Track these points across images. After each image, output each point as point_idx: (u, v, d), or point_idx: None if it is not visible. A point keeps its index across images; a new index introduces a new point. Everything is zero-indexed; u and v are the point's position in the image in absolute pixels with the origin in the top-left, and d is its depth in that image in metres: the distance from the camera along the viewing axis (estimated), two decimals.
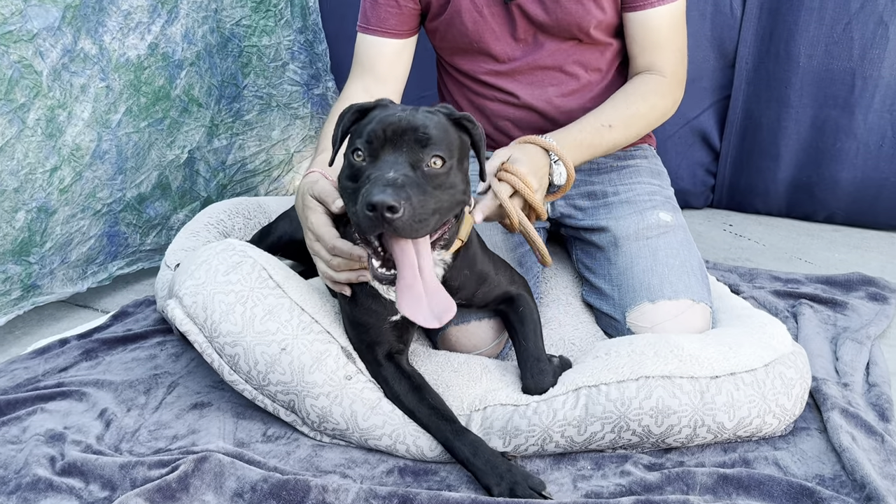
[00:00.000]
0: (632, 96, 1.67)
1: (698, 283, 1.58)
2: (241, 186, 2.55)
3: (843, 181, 2.55)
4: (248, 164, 2.55)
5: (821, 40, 2.42)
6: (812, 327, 1.78)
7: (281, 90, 2.62)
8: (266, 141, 2.60)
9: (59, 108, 1.86)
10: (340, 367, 1.38)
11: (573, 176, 1.54)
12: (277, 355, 1.37)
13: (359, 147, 1.16)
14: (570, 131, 1.59)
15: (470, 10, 1.69)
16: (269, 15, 2.50)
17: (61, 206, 1.92)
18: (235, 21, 2.40)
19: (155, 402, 1.51)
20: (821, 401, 1.46)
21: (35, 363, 1.66)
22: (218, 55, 2.35)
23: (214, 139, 2.39)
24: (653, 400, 1.30)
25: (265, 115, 2.58)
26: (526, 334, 1.42)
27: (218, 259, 1.45)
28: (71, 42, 1.86)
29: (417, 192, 1.09)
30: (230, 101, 2.43)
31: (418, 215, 1.08)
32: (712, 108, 2.66)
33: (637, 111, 1.66)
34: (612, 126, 1.63)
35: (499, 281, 1.46)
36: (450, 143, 1.18)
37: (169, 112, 2.19)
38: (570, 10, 1.65)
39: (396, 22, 1.74)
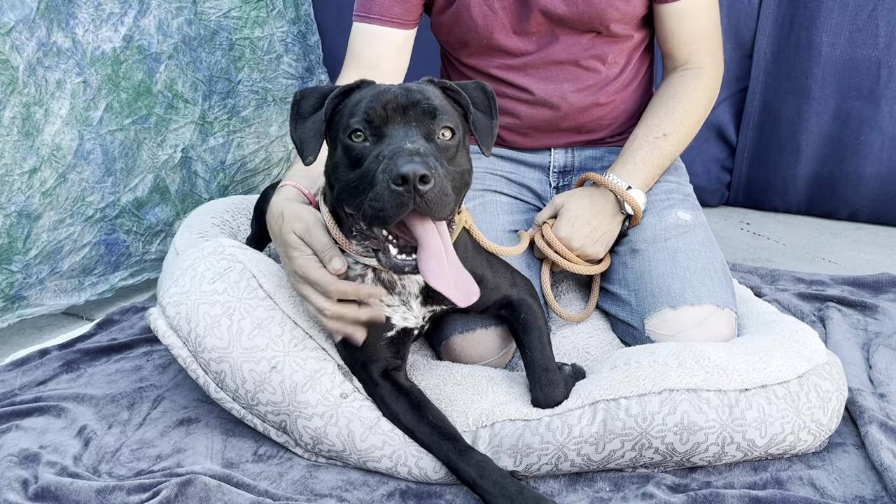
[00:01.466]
0: (674, 98, 1.62)
1: (722, 287, 1.48)
2: (242, 187, 2.47)
3: (868, 176, 2.46)
4: (248, 162, 2.47)
5: (844, 28, 2.33)
6: (841, 333, 1.68)
7: (276, 84, 2.54)
8: (265, 137, 2.51)
9: (35, 105, 1.78)
10: (336, 385, 1.29)
11: (639, 210, 1.55)
12: (267, 374, 1.27)
13: (357, 128, 1.07)
14: (631, 158, 1.58)
15: (479, 3, 1.58)
16: (260, 5, 2.42)
17: (45, 210, 1.83)
18: (223, 12, 2.31)
19: (139, 418, 1.42)
20: (857, 414, 1.37)
21: (12, 376, 1.57)
22: (203, 48, 2.27)
23: (209, 137, 2.31)
24: (677, 415, 1.21)
25: (262, 110, 2.49)
26: (531, 342, 1.32)
27: (205, 264, 1.36)
28: (45, 35, 1.79)
29: (438, 165, 1.02)
30: (223, 97, 2.35)
31: (444, 188, 1.01)
32: (728, 100, 2.58)
33: (685, 109, 1.61)
34: (666, 134, 1.59)
35: (497, 284, 1.36)
36: (454, 114, 1.12)
37: (153, 109, 2.11)
38: (593, 1, 1.55)
39: (401, 10, 1.62)
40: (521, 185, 1.74)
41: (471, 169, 1.15)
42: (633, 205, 1.54)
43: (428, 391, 1.31)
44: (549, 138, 1.72)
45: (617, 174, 1.57)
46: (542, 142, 1.72)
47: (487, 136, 1.19)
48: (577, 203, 1.55)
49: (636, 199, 1.55)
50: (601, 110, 1.67)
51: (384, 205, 0.99)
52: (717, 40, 1.66)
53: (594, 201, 1.55)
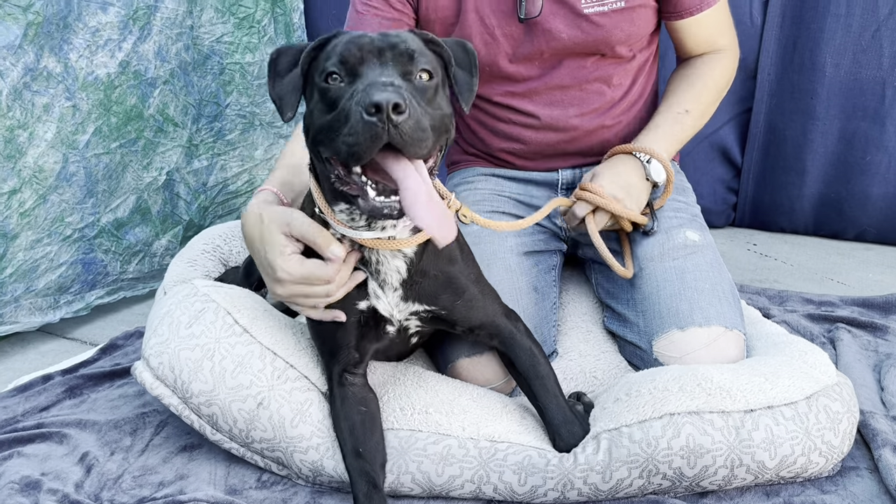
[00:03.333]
0: (693, 76, 1.65)
1: (731, 308, 1.47)
2: (223, 208, 2.49)
3: (875, 196, 2.45)
4: (230, 184, 2.49)
5: (848, 48, 2.34)
6: (852, 354, 1.66)
7: (264, 108, 2.56)
8: (249, 161, 2.53)
9: (20, 129, 1.80)
10: (326, 415, 1.27)
11: (671, 170, 1.55)
12: (255, 411, 1.27)
13: (333, 70, 1.04)
14: (654, 128, 1.59)
15: (481, 32, 1.57)
16: (252, 32, 2.46)
17: (23, 230, 1.85)
18: (216, 38, 2.34)
19: (141, 444, 1.41)
20: (870, 437, 1.35)
21: (15, 402, 1.56)
22: (195, 73, 2.29)
23: (194, 160, 2.33)
24: (682, 438, 1.19)
25: (248, 134, 2.52)
26: (542, 394, 1.28)
27: (180, 309, 1.36)
28: (33, 60, 1.80)
29: (414, 103, 0.99)
30: (210, 121, 2.37)
31: (421, 124, 0.98)
32: (733, 121, 2.57)
33: (704, 84, 1.64)
34: (688, 111, 1.61)
35: (484, 305, 1.31)
36: (433, 60, 1.11)
37: (143, 132, 2.13)
38: (600, 24, 1.54)
39: None
40: (528, 206, 1.73)
41: (451, 114, 1.10)
42: (666, 165, 1.54)
43: (441, 399, 1.30)
44: (555, 161, 1.72)
45: (641, 142, 1.58)
46: (549, 165, 1.72)
47: (467, 91, 1.17)
48: (611, 164, 1.56)
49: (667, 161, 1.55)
50: (608, 132, 1.67)
51: (358, 138, 0.96)
52: (730, 26, 1.68)
53: (625, 163, 1.56)
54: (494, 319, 1.32)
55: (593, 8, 1.52)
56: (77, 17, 1.89)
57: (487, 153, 1.77)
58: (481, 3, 1.54)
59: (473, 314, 1.30)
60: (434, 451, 1.23)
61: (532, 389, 1.29)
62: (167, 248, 2.26)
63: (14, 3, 1.71)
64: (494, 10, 1.54)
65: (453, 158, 1.88)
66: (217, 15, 2.33)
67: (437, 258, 1.25)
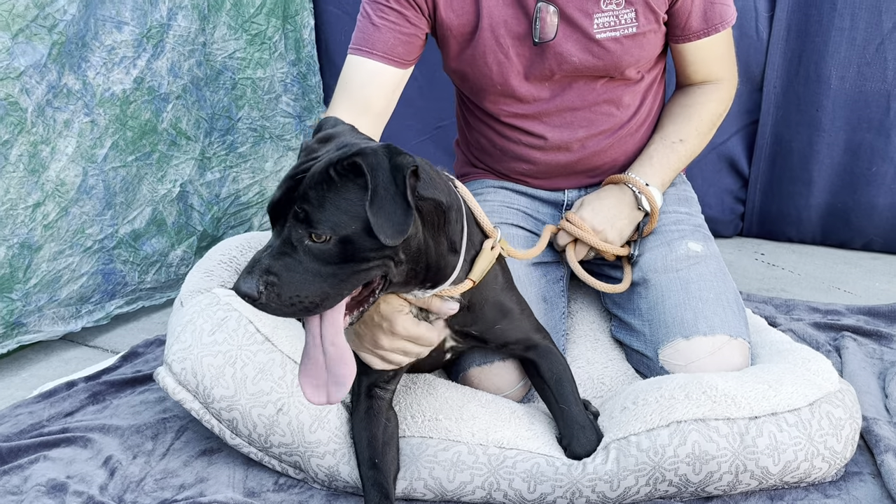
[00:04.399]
0: (691, 108, 1.68)
1: (735, 317, 1.49)
2: (235, 219, 2.53)
3: (881, 206, 2.46)
4: (242, 196, 2.54)
5: (853, 61, 2.36)
6: (857, 362, 1.68)
7: (274, 122, 2.62)
8: (259, 173, 2.58)
9: (43, 144, 1.86)
10: (344, 422, 1.31)
11: (655, 205, 1.60)
12: (275, 416, 1.31)
13: None
14: (648, 160, 1.64)
15: (495, 51, 1.58)
16: (263, 48, 2.51)
17: (46, 241, 1.90)
18: (228, 54, 2.39)
19: (162, 448, 1.45)
20: (872, 443, 1.37)
21: (40, 408, 1.61)
22: (208, 88, 2.35)
23: (207, 172, 2.38)
24: (688, 446, 1.22)
25: (258, 146, 2.57)
26: (566, 398, 1.32)
27: (202, 317, 1.41)
28: (56, 78, 1.86)
29: (289, 274, 1.00)
30: (223, 134, 2.42)
31: (289, 298, 1.00)
32: (740, 133, 2.59)
33: (701, 117, 1.67)
34: (682, 140, 1.66)
35: (521, 323, 1.36)
36: (341, 209, 1.01)
37: (157, 146, 2.18)
38: (611, 50, 1.57)
39: (404, 50, 1.58)
40: (536, 220, 1.77)
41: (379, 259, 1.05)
42: (651, 199, 1.59)
43: (451, 405, 1.34)
44: (563, 181, 1.75)
45: (635, 173, 1.62)
46: (557, 184, 1.76)
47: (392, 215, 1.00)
48: (597, 195, 1.63)
49: (654, 194, 1.60)
50: (615, 153, 1.70)
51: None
52: (732, 57, 1.70)
53: (613, 193, 1.61)
54: (529, 335, 1.37)
55: (605, 33, 1.55)
56: (94, 35, 1.95)
57: (495, 170, 1.80)
58: (497, 24, 1.56)
59: (512, 333, 1.35)
60: (445, 458, 1.27)
61: (555, 396, 1.33)
62: (182, 259, 2.31)
63: (41, 23, 1.77)
64: (510, 31, 1.56)
65: (462, 171, 1.91)
66: (230, 32, 2.39)
67: (484, 288, 1.28)
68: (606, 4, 1.53)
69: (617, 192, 1.61)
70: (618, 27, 1.55)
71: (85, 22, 1.90)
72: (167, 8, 2.14)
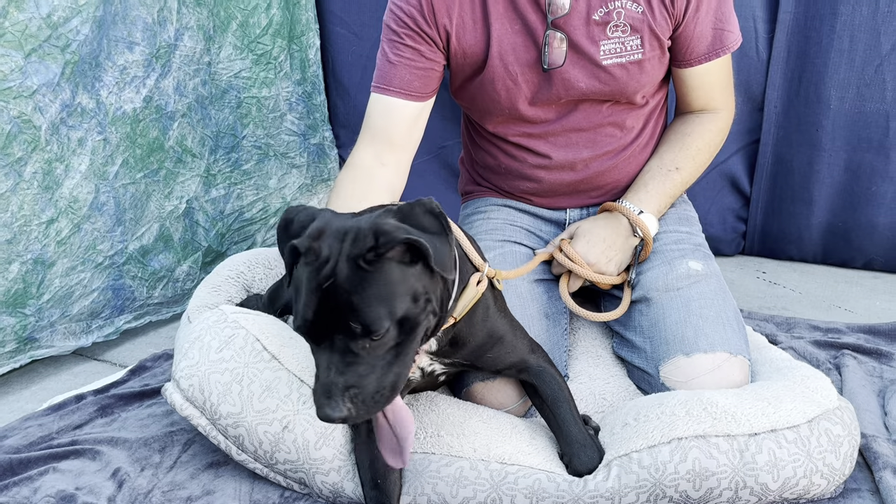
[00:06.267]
0: (689, 136, 1.70)
1: (735, 335, 1.51)
2: (238, 235, 2.57)
3: (881, 226, 2.48)
4: (246, 212, 2.57)
5: (852, 82, 2.38)
6: (857, 380, 1.70)
7: (278, 140, 2.66)
8: (263, 190, 2.62)
9: (57, 162, 1.89)
10: (349, 440, 1.33)
11: (648, 234, 1.63)
12: (280, 434, 1.33)
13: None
14: (644, 187, 1.68)
15: (503, 78, 1.61)
16: (269, 67, 2.55)
17: (59, 258, 1.93)
18: (234, 73, 2.44)
19: (170, 461, 1.47)
20: (871, 460, 1.39)
21: (50, 420, 1.63)
22: (213, 106, 2.39)
23: (212, 189, 2.42)
24: (689, 462, 1.23)
25: (262, 164, 2.61)
26: (564, 417, 1.33)
27: (210, 334, 1.43)
28: (69, 97, 1.89)
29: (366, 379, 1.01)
30: (228, 151, 2.46)
31: (373, 398, 1.02)
32: (741, 152, 2.62)
33: (698, 146, 1.70)
34: (679, 168, 1.69)
35: (515, 346, 1.36)
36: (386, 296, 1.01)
37: (164, 163, 2.22)
38: (617, 76, 1.60)
39: (420, 84, 1.62)
40: (538, 238, 1.80)
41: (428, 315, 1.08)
42: (643, 228, 1.62)
43: (452, 421, 1.35)
44: (566, 200, 1.78)
45: (630, 200, 1.66)
46: (559, 203, 1.78)
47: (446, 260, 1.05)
48: (592, 224, 1.65)
49: (647, 222, 1.63)
50: (619, 173, 1.73)
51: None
52: (730, 86, 1.73)
53: (608, 223, 1.64)
54: (522, 357, 1.37)
55: (611, 60, 1.58)
56: (107, 56, 1.99)
57: (500, 188, 1.83)
58: (506, 52, 1.59)
59: (503, 359, 1.35)
60: (447, 473, 1.28)
61: (553, 414, 1.34)
62: (188, 274, 2.34)
63: (54, 43, 1.81)
64: (518, 59, 1.59)
65: (467, 189, 1.94)
66: (236, 52, 2.43)
67: (472, 320, 1.28)
68: (612, 32, 1.56)
69: (612, 220, 1.64)
70: (623, 54, 1.58)
71: (98, 42, 1.94)
72: (174, 29, 2.19)
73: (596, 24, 1.55)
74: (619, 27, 1.56)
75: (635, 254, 1.64)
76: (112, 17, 1.97)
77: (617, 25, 1.56)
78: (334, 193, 1.60)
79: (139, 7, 2.05)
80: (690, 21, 1.57)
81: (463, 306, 1.23)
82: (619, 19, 1.55)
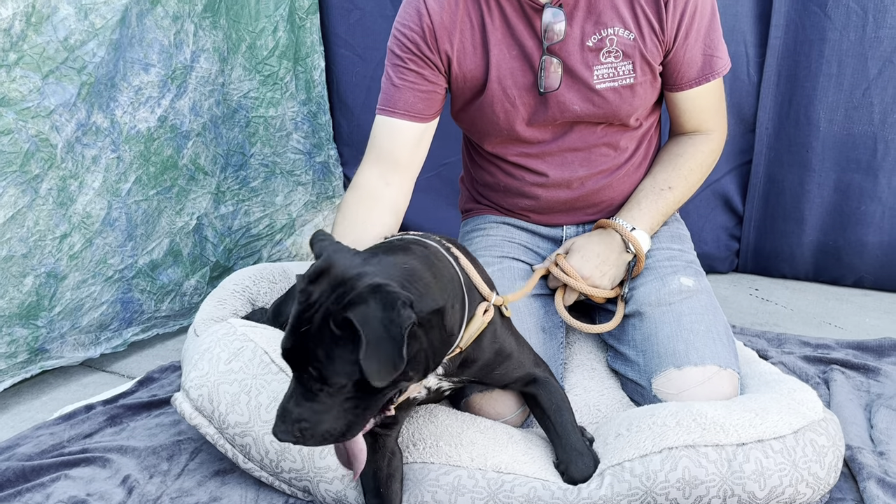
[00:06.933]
0: (681, 157, 1.76)
1: (725, 349, 1.56)
2: (245, 250, 2.63)
3: (871, 244, 2.53)
4: (253, 228, 2.63)
5: (840, 105, 2.44)
6: (844, 394, 1.74)
7: (285, 158, 2.72)
8: (270, 206, 2.69)
9: (71, 179, 1.95)
10: None
11: (641, 249, 1.68)
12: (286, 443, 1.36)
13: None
14: (637, 205, 1.74)
15: (502, 101, 1.67)
16: (275, 88, 2.62)
17: (71, 271, 1.99)
18: (243, 94, 2.51)
19: (177, 469, 1.51)
20: (856, 470, 1.43)
21: (61, 429, 1.68)
22: (224, 125, 2.46)
23: (221, 205, 2.48)
24: (679, 471, 1.27)
25: (269, 181, 2.67)
26: (564, 425, 1.38)
27: (219, 347, 1.48)
28: (85, 117, 1.96)
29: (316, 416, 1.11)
30: (237, 169, 2.53)
31: (321, 435, 1.12)
32: (734, 172, 2.67)
33: (690, 167, 1.76)
34: (671, 188, 1.74)
35: (521, 360, 1.42)
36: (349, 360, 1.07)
37: (177, 181, 2.28)
38: (610, 99, 1.66)
39: (423, 106, 1.67)
40: (535, 254, 1.85)
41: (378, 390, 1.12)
42: (636, 244, 1.67)
43: (451, 432, 1.40)
44: (563, 217, 1.83)
45: (623, 218, 1.71)
46: (556, 220, 1.84)
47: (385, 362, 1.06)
48: (587, 240, 1.70)
49: (639, 239, 1.68)
50: (613, 191, 1.78)
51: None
52: (722, 108, 1.79)
53: (602, 239, 1.69)
54: (528, 371, 1.42)
55: (604, 84, 1.64)
56: (123, 77, 2.05)
57: (499, 205, 1.89)
58: (504, 76, 1.65)
59: (511, 373, 1.41)
60: (446, 482, 1.32)
61: (554, 423, 1.39)
62: (196, 288, 2.39)
63: (70, 65, 1.87)
64: (516, 83, 1.65)
65: (467, 206, 1.99)
66: (245, 73, 2.50)
67: (480, 344, 1.34)
68: (605, 57, 1.63)
69: (606, 237, 1.69)
70: (616, 78, 1.64)
71: (114, 64, 2.01)
72: (191, 51, 2.26)
73: (590, 50, 1.62)
74: (611, 53, 1.62)
75: (628, 269, 1.70)
76: (129, 39, 2.04)
77: (610, 51, 1.62)
78: (340, 215, 1.66)
79: (156, 30, 2.12)
80: (680, 47, 1.64)
81: (469, 336, 1.29)
82: (612, 46, 1.62)
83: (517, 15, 1.62)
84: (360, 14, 2.82)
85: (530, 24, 1.62)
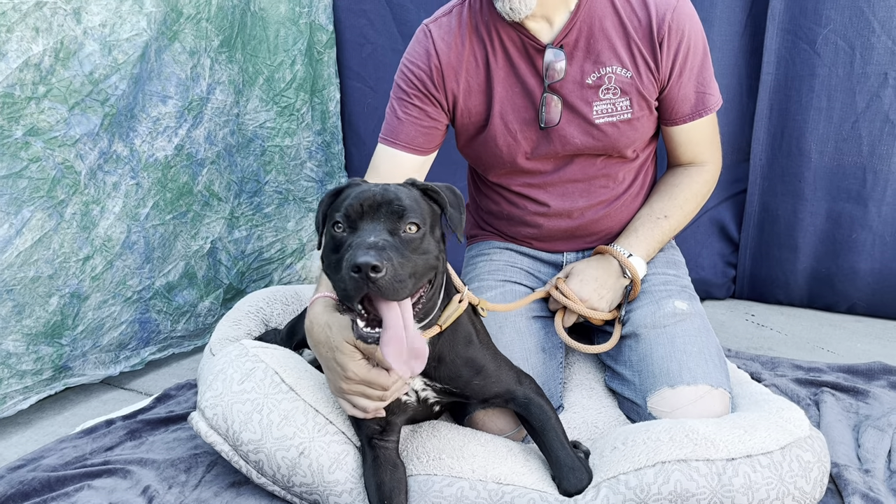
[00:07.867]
0: (677, 187, 1.83)
1: (716, 369, 1.62)
2: (257, 274, 2.71)
3: (863, 272, 2.58)
4: (265, 253, 2.72)
5: (830, 137, 2.52)
6: (834, 415, 1.80)
7: (298, 185, 2.83)
8: (282, 232, 2.78)
9: (94, 204, 2.05)
10: (360, 465, 1.44)
11: (637, 275, 1.74)
12: (297, 459, 1.43)
13: (338, 220, 1.25)
14: (634, 233, 1.80)
15: (504, 135, 1.74)
16: (292, 119, 2.73)
17: (93, 292, 2.08)
18: (259, 124, 2.61)
19: (195, 480, 1.58)
20: (842, 486, 1.48)
21: (83, 442, 1.75)
22: (239, 154, 2.56)
23: (235, 230, 2.57)
24: (671, 484, 1.33)
25: (282, 208, 2.77)
26: (551, 443, 1.42)
27: (232, 367, 1.55)
28: (106, 145, 2.06)
29: (397, 255, 1.16)
30: (251, 196, 2.63)
31: (399, 276, 1.15)
32: (729, 201, 2.74)
33: (685, 196, 1.82)
34: (667, 216, 1.81)
35: (499, 377, 1.46)
36: (422, 211, 1.26)
37: (192, 206, 2.38)
38: (609, 133, 1.74)
39: (424, 140, 1.77)
40: (537, 278, 1.92)
41: (438, 254, 1.28)
42: (632, 269, 1.74)
43: (452, 445, 1.46)
44: (564, 244, 1.90)
45: (621, 245, 1.78)
46: (557, 247, 1.91)
47: (458, 226, 1.33)
48: (586, 265, 1.77)
49: (636, 265, 1.75)
50: (611, 221, 1.86)
51: (346, 286, 1.16)
52: (716, 141, 1.87)
53: (600, 264, 1.76)
54: (508, 388, 1.47)
55: (603, 119, 1.72)
56: (142, 108, 2.15)
57: (503, 232, 1.96)
58: (506, 112, 1.74)
59: (489, 388, 1.47)
60: (449, 493, 1.38)
61: (543, 441, 1.44)
62: (210, 309, 2.48)
63: (95, 97, 1.98)
64: (517, 118, 1.74)
65: (472, 232, 2.07)
66: (261, 104, 2.61)
67: (454, 343, 1.42)
68: (604, 94, 1.71)
69: (604, 262, 1.77)
70: (614, 113, 1.72)
71: (134, 96, 2.11)
72: (207, 83, 2.36)
73: (589, 88, 1.71)
74: (609, 90, 1.71)
75: (625, 293, 1.77)
76: (148, 73, 2.15)
77: (608, 88, 1.71)
78: None
79: (173, 65, 2.23)
80: (674, 85, 1.73)
81: (447, 316, 1.38)
82: (610, 83, 1.71)
83: (520, 54, 1.71)
84: (372, 48, 2.93)
85: (532, 63, 1.71)
